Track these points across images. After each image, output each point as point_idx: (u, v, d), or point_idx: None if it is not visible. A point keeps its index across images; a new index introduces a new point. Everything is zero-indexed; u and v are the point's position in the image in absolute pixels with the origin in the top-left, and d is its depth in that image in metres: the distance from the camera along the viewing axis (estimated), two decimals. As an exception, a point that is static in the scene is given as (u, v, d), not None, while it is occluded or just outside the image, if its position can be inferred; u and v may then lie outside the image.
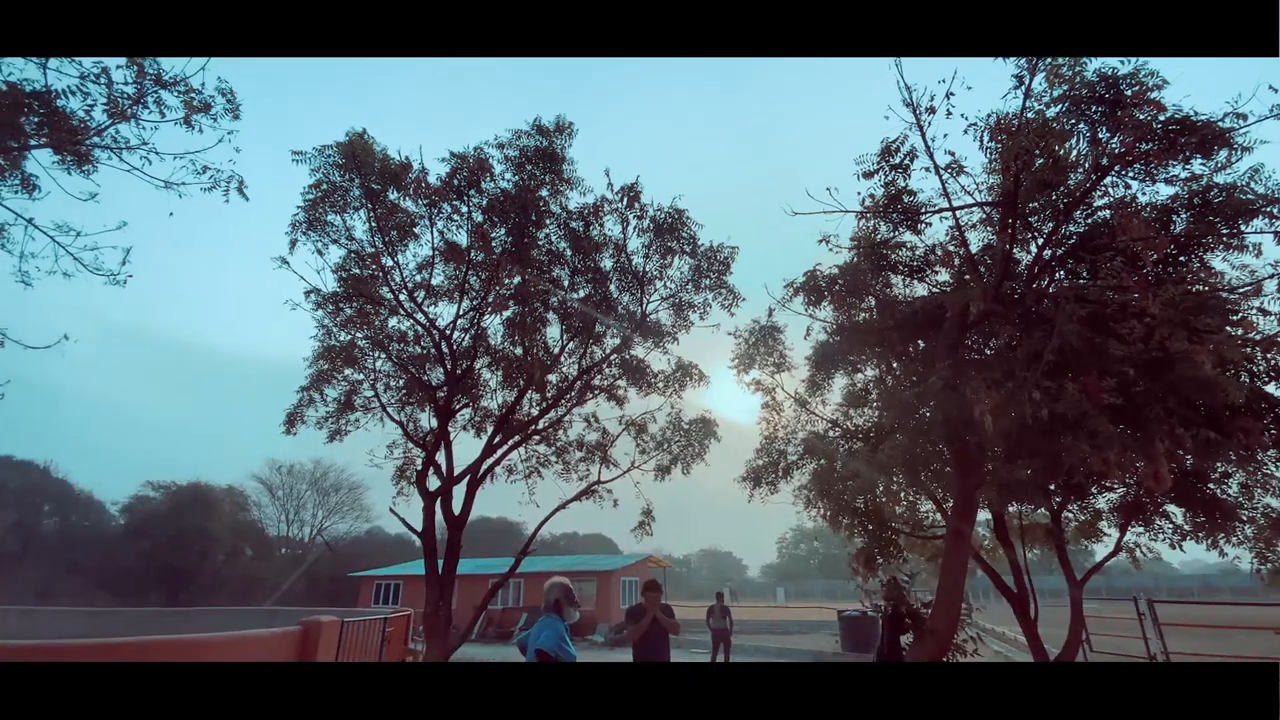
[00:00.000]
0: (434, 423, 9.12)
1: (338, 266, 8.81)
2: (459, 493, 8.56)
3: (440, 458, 8.77)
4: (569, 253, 8.93)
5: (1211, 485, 6.67)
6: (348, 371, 9.24)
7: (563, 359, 9.22)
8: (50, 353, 6.88)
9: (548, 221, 8.72)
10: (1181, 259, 5.98)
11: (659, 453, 9.73)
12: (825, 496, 7.85)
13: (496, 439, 8.75)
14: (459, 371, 8.76)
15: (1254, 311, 5.72)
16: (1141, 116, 5.67)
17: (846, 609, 15.89)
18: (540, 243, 8.86)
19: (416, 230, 8.74)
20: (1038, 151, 5.83)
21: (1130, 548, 7.56)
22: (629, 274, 8.82)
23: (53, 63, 6.02)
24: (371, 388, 9.36)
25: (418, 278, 8.86)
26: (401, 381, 9.63)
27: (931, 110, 5.73)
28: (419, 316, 8.74)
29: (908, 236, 7.56)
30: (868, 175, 7.14)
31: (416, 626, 14.35)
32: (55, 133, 6.30)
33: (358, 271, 8.80)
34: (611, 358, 9.29)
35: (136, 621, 16.94)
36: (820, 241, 7.45)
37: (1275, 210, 5.68)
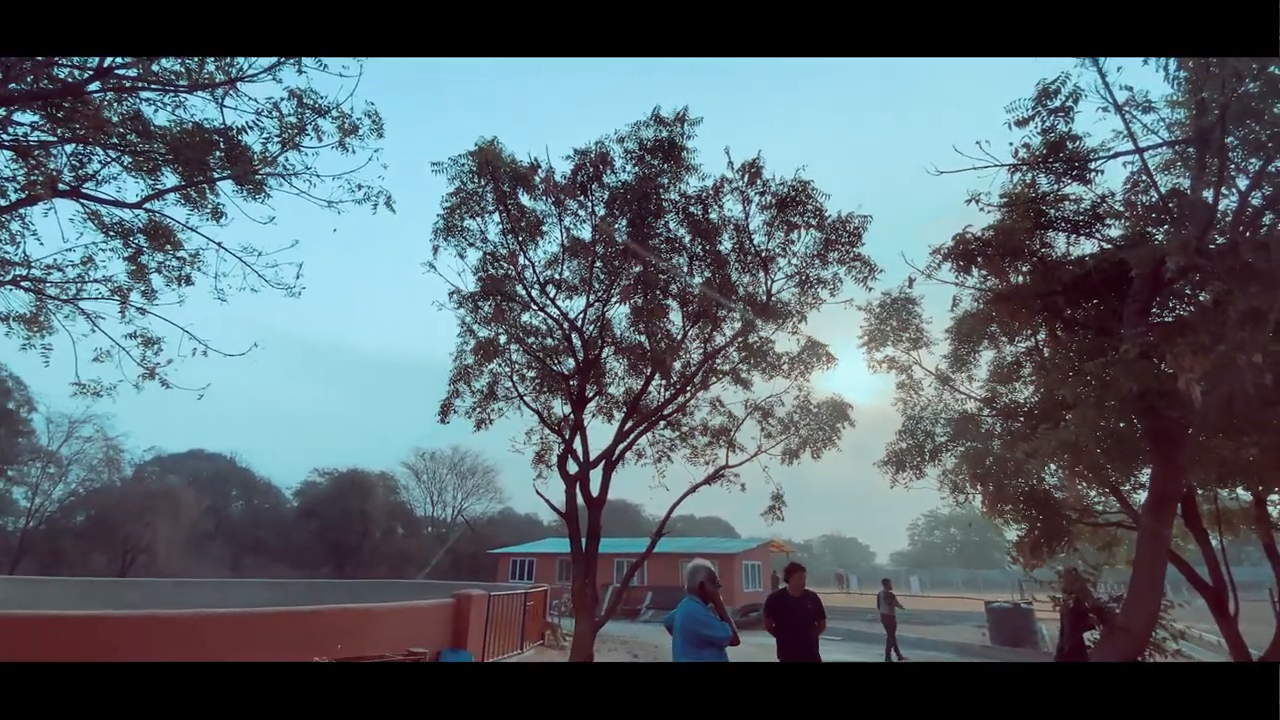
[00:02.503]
0: (567, 410, 9.56)
1: (476, 267, 9.45)
2: (595, 476, 8.95)
3: (575, 444, 9.20)
4: (688, 239, 8.93)
5: None
6: (490, 365, 9.91)
7: (686, 344, 9.27)
8: (239, 359, 8.02)
9: (667, 208, 8.76)
10: None
11: (785, 436, 9.53)
12: (981, 481, 7.28)
13: (627, 425, 9.01)
14: (588, 360, 9.11)
15: None
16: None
17: (995, 600, 14.74)
18: (659, 231, 8.94)
19: (545, 228, 9.16)
20: (1245, 74, 4.95)
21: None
22: (750, 254, 8.66)
23: (229, 100, 6.90)
24: (510, 379, 9.97)
25: (547, 274, 9.29)
26: (535, 372, 10.18)
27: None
28: (550, 310, 9.17)
29: (1072, 188, 6.76)
30: (1021, 123, 6.47)
31: (552, 600, 15.27)
32: (236, 165, 7.23)
33: (493, 271, 9.38)
34: (734, 341, 9.21)
35: (313, 591, 19.55)
36: (968, 201, 6.86)
37: None
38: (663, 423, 9.65)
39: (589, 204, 8.58)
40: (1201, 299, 5.62)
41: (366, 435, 78.34)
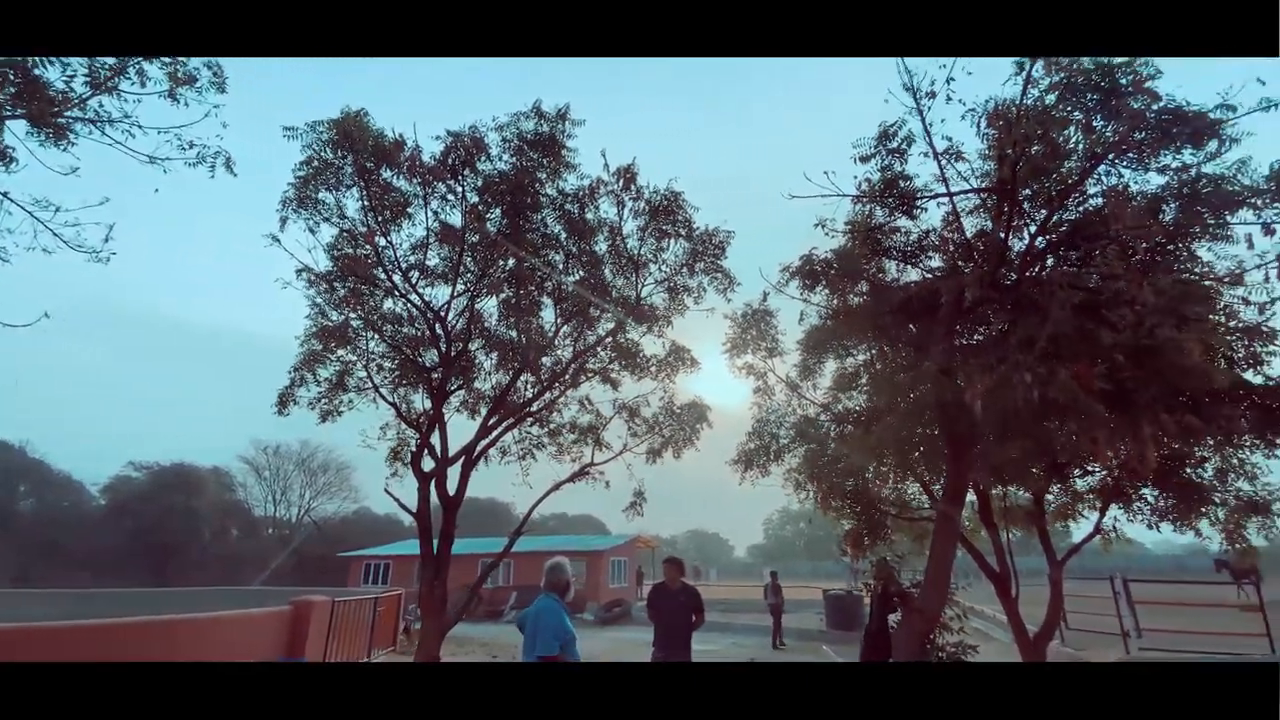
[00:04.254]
0: (428, 404, 9.11)
1: (330, 245, 8.71)
2: (454, 474, 8.60)
3: (435, 440, 8.78)
4: (564, 235, 8.88)
5: (1188, 469, 6.88)
6: (340, 352, 9.17)
7: (557, 342, 9.22)
8: (29, 331, 6.75)
9: (544, 204, 8.66)
10: (1170, 248, 6.09)
11: (651, 436, 9.81)
12: (815, 479, 7.98)
13: (491, 420, 8.76)
14: (453, 353, 8.74)
15: (1237, 300, 5.88)
16: (1136, 105, 5.73)
17: (832, 588, 16.23)
18: (536, 225, 8.81)
19: (410, 210, 8.65)
20: (1036, 138, 5.88)
21: (1105, 530, 7.78)
22: (624, 257, 8.80)
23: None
24: (365, 369, 9.30)
25: (411, 258, 8.78)
26: (395, 363, 9.59)
27: (932, 95, 5.75)
28: (413, 298, 8.67)
29: (902, 221, 7.61)
30: (864, 159, 7.14)
31: (408, 605, 14.47)
32: (33, 103, 6.10)
33: (351, 251, 8.70)
34: (605, 341, 9.31)
35: (124, 602, 16.87)
36: (816, 225, 7.50)
37: (1259, 202, 5.79)
38: (530, 420, 9.51)
39: (460, 189, 8.23)
40: (986, 329, 6.60)
41: (197, 425, 69.24)
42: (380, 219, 8.44)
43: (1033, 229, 6.71)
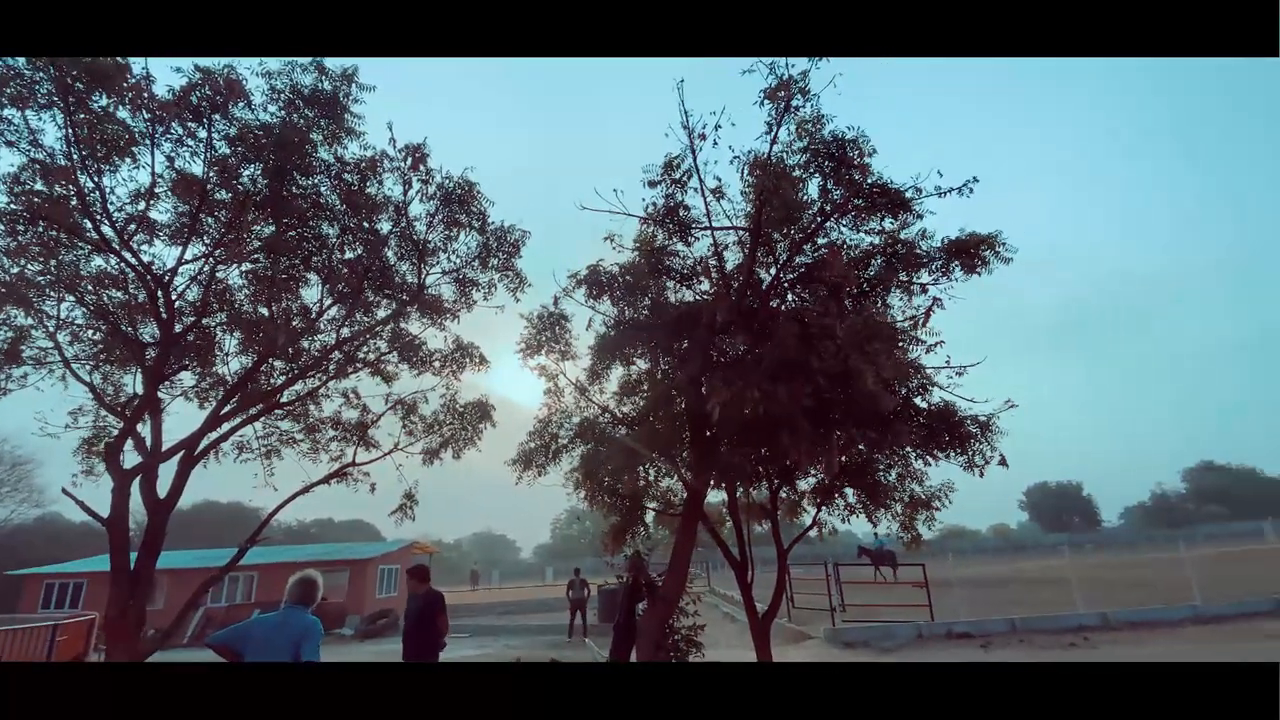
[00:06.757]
0: (142, 387, 7.52)
1: (10, 177, 6.79)
2: (168, 472, 7.18)
3: (146, 430, 7.27)
4: (342, 208, 8.03)
5: (880, 474, 8.56)
6: (14, 313, 7.20)
7: (321, 325, 8.26)
8: None
9: (317, 169, 7.74)
10: (872, 295, 7.59)
11: (430, 435, 9.32)
12: (589, 478, 8.32)
13: (224, 410, 7.49)
14: (181, 328, 7.34)
15: (912, 342, 7.53)
16: (856, 177, 7.04)
17: (606, 584, 17.03)
18: (306, 192, 7.84)
19: (136, 152, 7.09)
20: (781, 190, 6.89)
21: (821, 523, 9.36)
22: (409, 241, 8.25)
23: None
24: (50, 337, 7.40)
25: (131, 209, 7.20)
26: (99, 334, 7.78)
27: (703, 137, 6.42)
28: (128, 256, 7.10)
29: (680, 247, 8.35)
30: (652, 184, 7.71)
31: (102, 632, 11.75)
32: None
33: (43, 188, 6.88)
34: (381, 330, 8.60)
35: None
36: (605, 239, 7.88)
37: (935, 265, 7.50)
38: (280, 411, 8.37)
39: (206, 134, 6.97)
40: (734, 349, 7.56)
41: None
42: (89, 154, 6.80)
43: (777, 267, 7.86)
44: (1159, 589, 14.88)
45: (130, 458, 7.10)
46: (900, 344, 7.34)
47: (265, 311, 7.79)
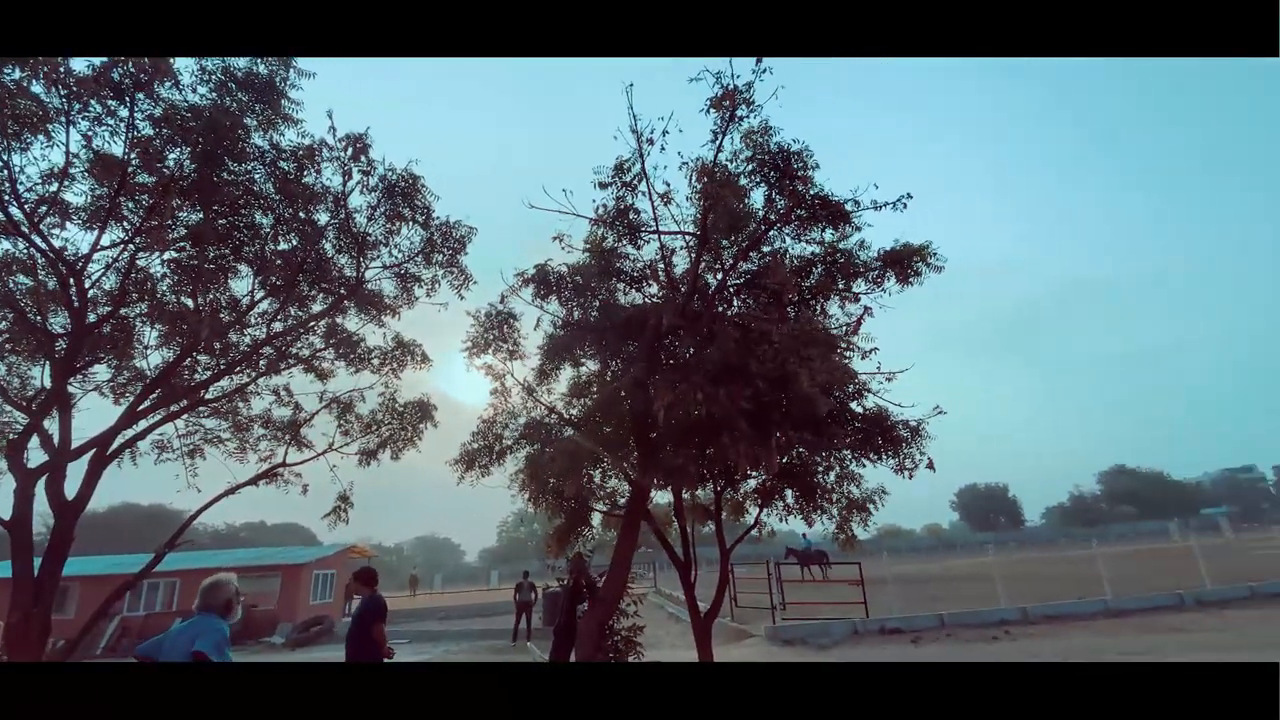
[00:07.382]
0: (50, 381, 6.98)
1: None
2: (77, 472, 6.70)
3: (55, 427, 6.76)
4: (276, 196, 7.69)
5: (819, 476, 8.81)
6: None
7: (252, 319, 7.88)
8: None
9: (250, 155, 7.39)
10: (811, 302, 7.83)
11: (367, 435, 9.01)
12: (534, 479, 8.23)
13: (142, 406, 7.04)
14: (96, 318, 6.86)
15: (849, 348, 7.80)
16: (799, 189, 7.25)
17: (549, 587, 16.90)
18: (240, 178, 7.47)
19: (50, 129, 6.60)
20: (727, 197, 7.03)
21: (763, 523, 9.55)
22: (348, 233, 7.97)
23: None
24: (-62, 325, 6.80)
25: (41, 190, 6.70)
26: (4, 323, 7.23)
27: (651, 142, 6.48)
28: (37, 240, 6.59)
29: (630, 249, 8.40)
30: (603, 186, 7.71)
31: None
32: None
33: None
34: (316, 324, 8.27)
35: None
36: (554, 239, 7.83)
37: (871, 275, 7.80)
38: (204, 409, 7.93)
39: (127, 114, 6.55)
40: (681, 350, 7.66)
41: None
42: (-6, 129, 6.29)
43: (723, 273, 8.00)
44: (1074, 584, 15.89)
45: (36, 456, 6.60)
46: (838, 350, 7.61)
47: (190, 303, 7.37)
